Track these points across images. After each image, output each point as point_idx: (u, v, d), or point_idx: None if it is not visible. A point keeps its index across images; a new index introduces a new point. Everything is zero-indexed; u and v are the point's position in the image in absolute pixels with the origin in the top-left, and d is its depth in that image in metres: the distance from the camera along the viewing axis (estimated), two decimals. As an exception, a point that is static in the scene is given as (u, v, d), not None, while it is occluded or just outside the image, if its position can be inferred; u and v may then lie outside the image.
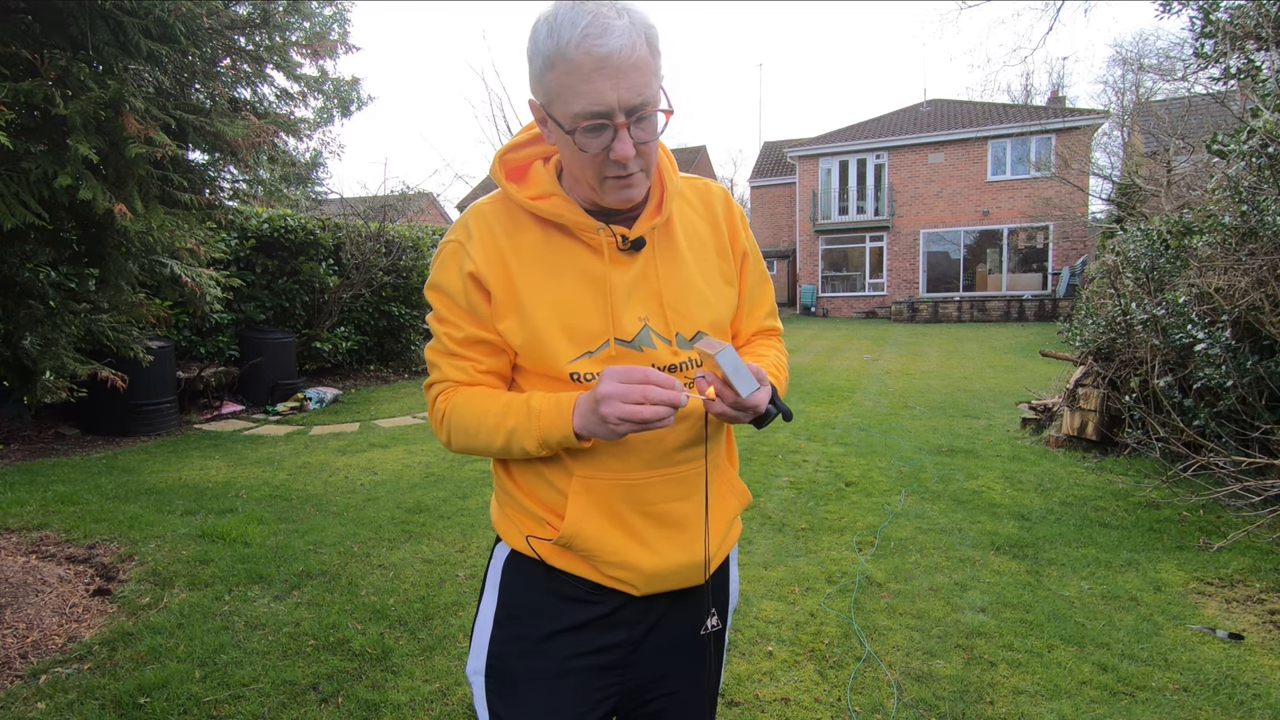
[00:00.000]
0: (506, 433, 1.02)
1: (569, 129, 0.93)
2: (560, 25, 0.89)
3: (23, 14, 2.74)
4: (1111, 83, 30.84)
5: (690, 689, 1.18)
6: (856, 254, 24.05)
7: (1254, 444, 3.99)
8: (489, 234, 1.06)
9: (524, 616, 1.10)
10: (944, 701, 2.32)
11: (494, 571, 1.15)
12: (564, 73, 0.90)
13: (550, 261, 1.04)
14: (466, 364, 1.08)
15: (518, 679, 1.08)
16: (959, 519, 4.04)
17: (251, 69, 3.51)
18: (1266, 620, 2.86)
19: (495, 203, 1.09)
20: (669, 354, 1.07)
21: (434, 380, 1.11)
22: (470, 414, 1.06)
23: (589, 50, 0.88)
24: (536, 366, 1.05)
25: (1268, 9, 4.60)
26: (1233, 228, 4.23)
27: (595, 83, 0.89)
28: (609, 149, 0.94)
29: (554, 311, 1.03)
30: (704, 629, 1.17)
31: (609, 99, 0.90)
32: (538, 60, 0.93)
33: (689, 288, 1.09)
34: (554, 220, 1.04)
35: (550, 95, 0.94)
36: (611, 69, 0.89)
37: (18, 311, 3.08)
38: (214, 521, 3.90)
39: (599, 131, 0.93)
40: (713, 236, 1.15)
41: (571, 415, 0.98)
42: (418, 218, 16.09)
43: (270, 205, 8.42)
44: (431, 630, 2.78)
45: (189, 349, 7.32)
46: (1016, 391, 8.26)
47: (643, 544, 1.07)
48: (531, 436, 1.01)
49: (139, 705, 2.26)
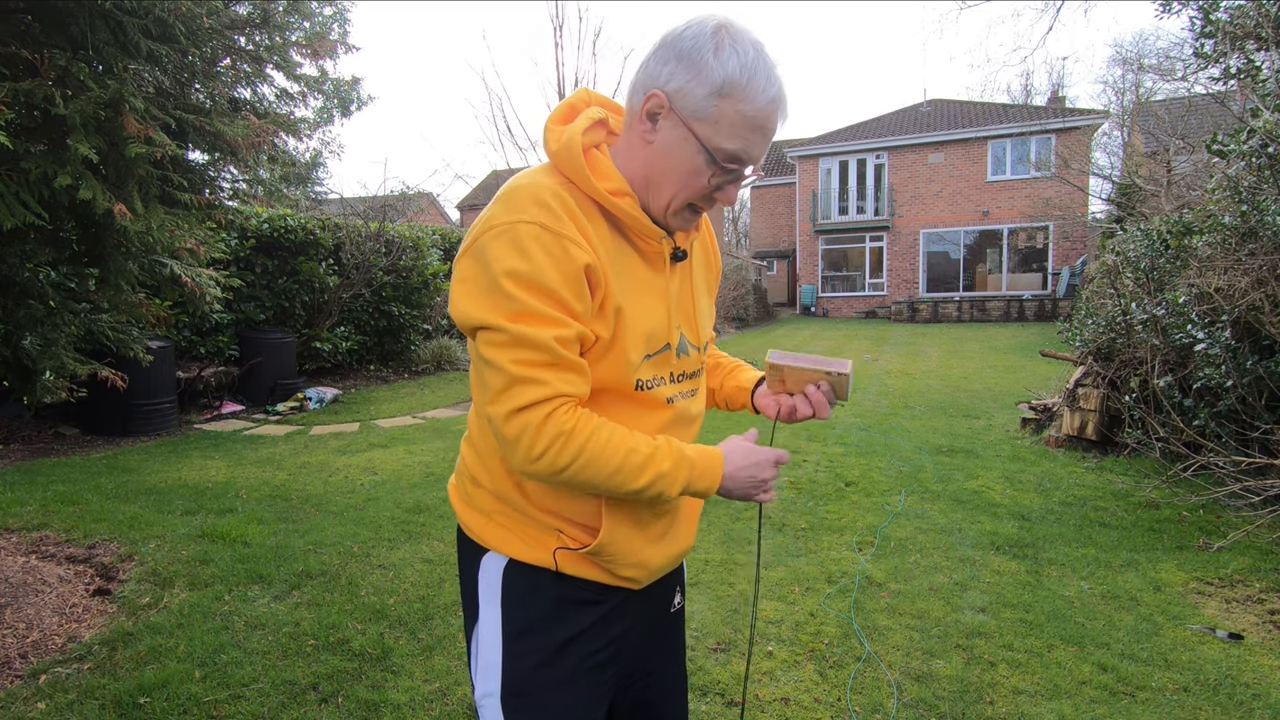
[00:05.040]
0: (656, 474, 0.98)
1: (714, 154, 0.97)
2: (756, 73, 0.95)
3: (23, 14, 2.74)
4: (1111, 83, 30.87)
5: (667, 665, 1.26)
6: (856, 254, 24.05)
7: (1254, 444, 3.99)
8: (575, 220, 0.96)
9: (536, 627, 1.06)
10: (944, 701, 2.32)
11: (488, 585, 1.09)
12: (739, 112, 0.95)
13: (618, 259, 1.01)
14: (577, 374, 0.95)
15: (539, 691, 1.05)
16: (959, 519, 4.04)
17: (251, 69, 3.51)
18: (1266, 620, 2.86)
19: (559, 184, 0.98)
20: (698, 360, 1.17)
21: (538, 399, 0.91)
22: (614, 447, 0.96)
23: (771, 114, 0.97)
24: (607, 370, 1.00)
25: (1268, 9, 4.60)
26: (1233, 228, 4.23)
27: (756, 138, 0.98)
28: (722, 190, 1.01)
29: (632, 312, 1.02)
30: (672, 607, 1.26)
31: (755, 155, 0.99)
32: (714, 78, 0.94)
33: (703, 299, 1.20)
34: (622, 219, 1.01)
35: (704, 112, 0.95)
36: (769, 135, 1.00)
37: (18, 311, 3.08)
38: (214, 521, 3.90)
39: (729, 173, 1.00)
40: (702, 254, 1.23)
41: (722, 472, 1.05)
42: (418, 218, 16.08)
43: (270, 205, 8.41)
44: (431, 630, 2.78)
45: (189, 349, 7.31)
46: (1016, 391, 8.26)
47: (654, 541, 1.12)
48: (678, 483, 1.01)
49: (139, 705, 2.26)
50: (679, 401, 1.11)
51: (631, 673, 1.18)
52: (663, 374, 1.08)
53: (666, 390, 1.09)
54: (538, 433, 0.92)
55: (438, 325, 11.13)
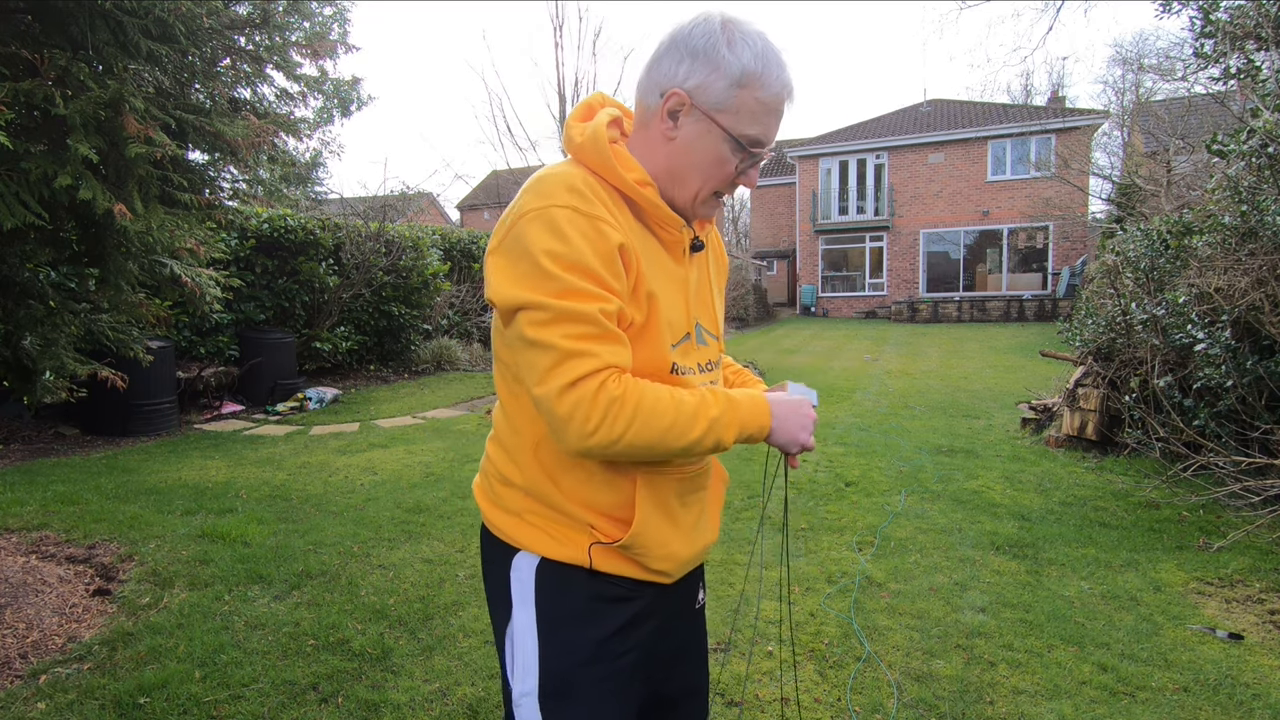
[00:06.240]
0: (709, 421, 0.99)
1: (738, 139, 1.03)
2: (769, 60, 1.01)
3: (23, 14, 2.74)
4: (1111, 83, 30.89)
5: (691, 662, 1.27)
6: (856, 254, 24.05)
7: (1254, 444, 3.99)
8: (607, 205, 0.99)
9: (571, 625, 1.07)
10: (944, 701, 2.32)
11: (522, 584, 1.08)
12: (756, 99, 1.02)
13: (644, 247, 1.05)
14: (623, 346, 0.96)
15: (576, 690, 1.05)
16: (959, 519, 4.04)
17: (251, 69, 3.51)
18: (1266, 620, 2.86)
19: (588, 175, 1.01)
20: (716, 350, 1.20)
21: (590, 370, 0.91)
22: (665, 403, 0.96)
23: (785, 98, 1.04)
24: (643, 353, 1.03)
25: (1268, 9, 4.60)
26: (1233, 228, 4.24)
27: (773, 120, 1.05)
28: (743, 174, 1.07)
29: (663, 297, 1.05)
30: (696, 603, 1.28)
31: (772, 136, 1.06)
32: (732, 71, 1.00)
33: (715, 291, 1.23)
34: (646, 208, 1.05)
35: (725, 104, 1.01)
36: (782, 116, 1.06)
37: (18, 311, 3.08)
38: (214, 521, 3.90)
39: (753, 157, 1.06)
40: (713, 252, 1.26)
41: (770, 413, 1.08)
42: (418, 218, 16.09)
43: (270, 205, 8.41)
44: (431, 630, 2.78)
45: (189, 349, 7.31)
46: (1016, 391, 8.26)
47: (682, 532, 1.13)
48: (733, 426, 1.02)
49: (139, 705, 2.26)
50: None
51: (658, 669, 1.18)
52: (690, 364, 1.11)
53: (696, 379, 1.11)
54: (592, 404, 0.91)
55: (438, 325, 11.13)
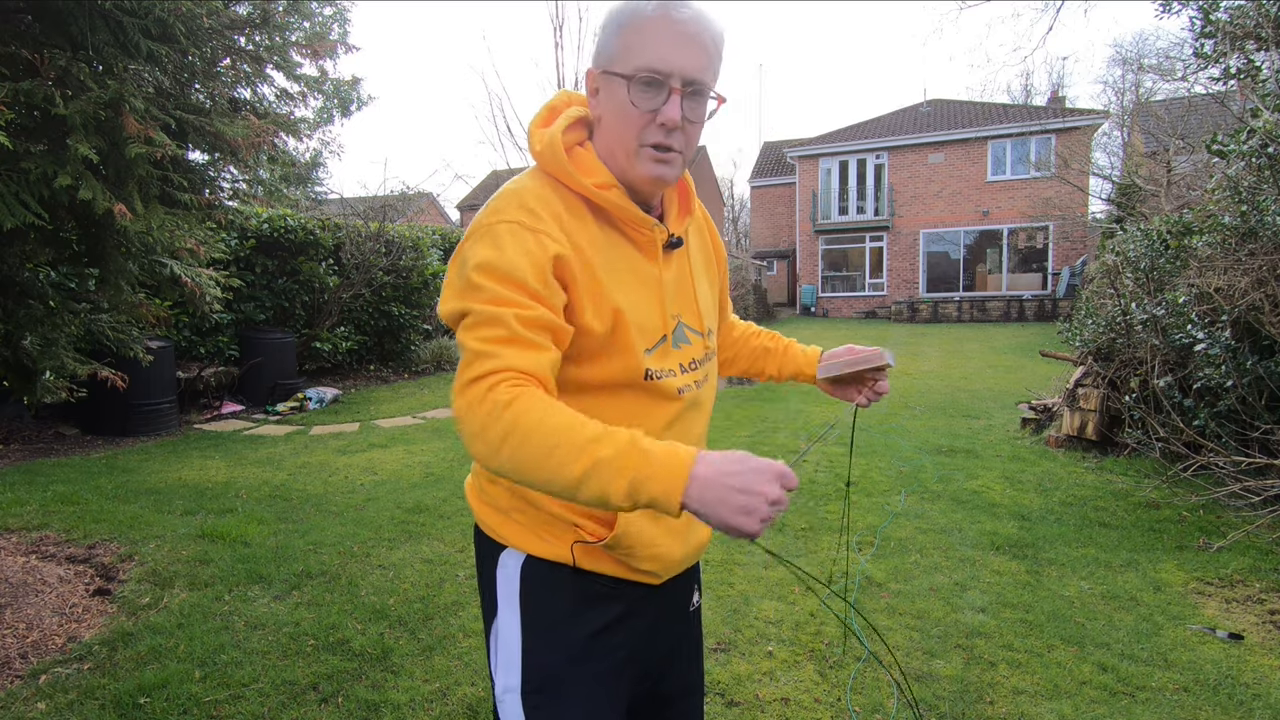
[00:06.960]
0: (592, 461, 0.80)
1: (627, 75, 0.96)
2: None
3: (23, 14, 2.74)
4: (1111, 83, 30.90)
5: (686, 664, 1.26)
6: (856, 254, 24.04)
7: (1254, 444, 3.99)
8: (557, 219, 0.98)
9: (554, 623, 1.06)
10: (944, 701, 2.32)
11: (507, 581, 1.08)
12: (635, 30, 0.97)
13: (609, 254, 1.03)
14: (535, 352, 0.90)
15: (559, 686, 1.04)
16: (959, 519, 4.04)
17: (251, 69, 3.51)
18: (1266, 620, 2.86)
19: (545, 186, 1.01)
20: (701, 348, 1.15)
21: (486, 371, 0.87)
22: (551, 424, 0.83)
23: (665, 14, 0.96)
24: (614, 361, 1.00)
25: (1268, 9, 4.60)
26: (1233, 228, 4.23)
27: (663, 44, 0.96)
28: (657, 110, 0.97)
29: (627, 305, 1.02)
30: (691, 605, 1.26)
31: (672, 62, 0.96)
32: (610, 27, 0.99)
33: (703, 285, 1.19)
34: (612, 211, 1.03)
35: (614, 54, 0.99)
36: (680, 35, 0.96)
37: (18, 311, 3.08)
38: (214, 521, 3.90)
39: (655, 89, 0.97)
40: (699, 242, 1.23)
41: (687, 480, 0.79)
42: (418, 218, 16.10)
43: (270, 205, 8.40)
44: (431, 630, 2.78)
45: (189, 349, 7.32)
46: (1016, 391, 8.26)
47: (671, 533, 1.11)
48: (621, 476, 0.80)
49: (139, 705, 2.26)
50: (689, 392, 1.11)
51: (650, 670, 1.17)
52: (671, 365, 1.09)
53: (677, 381, 1.09)
54: (479, 404, 0.85)
55: (438, 325, 11.13)
